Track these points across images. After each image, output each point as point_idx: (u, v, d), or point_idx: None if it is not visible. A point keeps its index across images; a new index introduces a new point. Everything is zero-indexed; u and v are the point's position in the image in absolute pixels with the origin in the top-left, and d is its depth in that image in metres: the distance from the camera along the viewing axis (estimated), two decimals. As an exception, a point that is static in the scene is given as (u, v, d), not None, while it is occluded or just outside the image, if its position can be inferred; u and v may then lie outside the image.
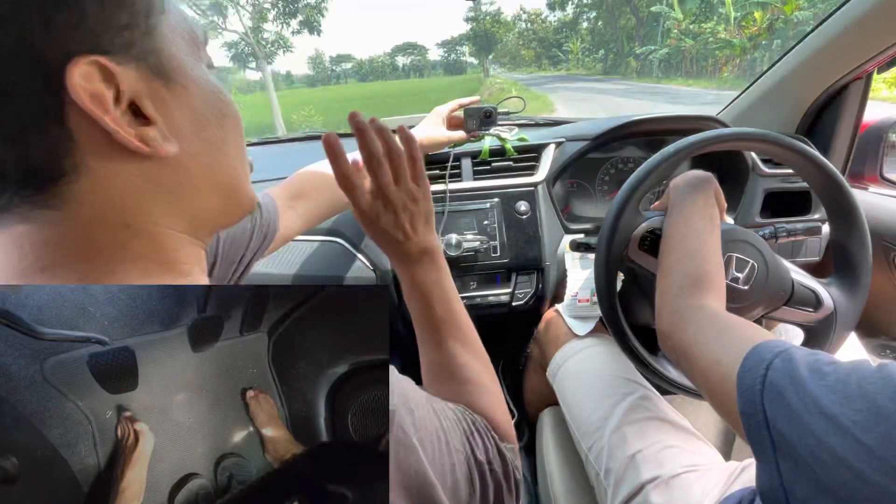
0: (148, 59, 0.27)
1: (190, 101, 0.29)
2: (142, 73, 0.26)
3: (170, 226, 0.30)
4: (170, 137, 0.28)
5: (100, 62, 0.24)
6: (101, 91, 0.24)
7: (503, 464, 0.39)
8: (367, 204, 0.45)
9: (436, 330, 0.46)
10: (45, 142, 0.24)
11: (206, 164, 0.31)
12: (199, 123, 0.30)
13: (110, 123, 0.25)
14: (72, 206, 0.26)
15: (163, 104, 0.28)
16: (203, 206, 0.31)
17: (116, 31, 0.25)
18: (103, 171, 0.26)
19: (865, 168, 0.99)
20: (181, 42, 0.29)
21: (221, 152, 0.32)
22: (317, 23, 19.02)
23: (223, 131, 0.32)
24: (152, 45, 0.27)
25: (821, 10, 15.06)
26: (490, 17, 62.51)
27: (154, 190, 0.28)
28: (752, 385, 0.34)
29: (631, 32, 34.53)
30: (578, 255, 0.88)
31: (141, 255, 0.28)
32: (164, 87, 0.28)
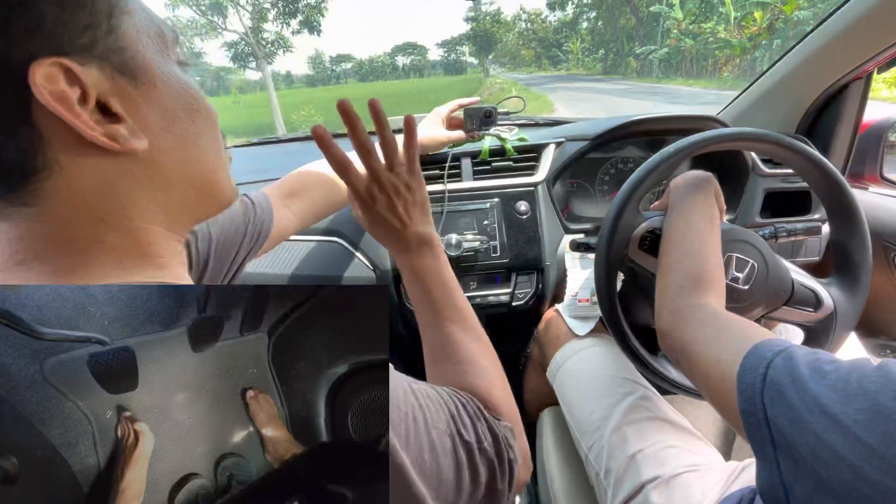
0: (111, 58, 0.27)
1: (158, 97, 0.30)
2: (106, 72, 0.27)
3: (145, 220, 0.30)
4: (139, 134, 0.28)
5: (62, 63, 0.24)
6: (65, 91, 0.25)
7: (495, 443, 0.38)
8: (362, 186, 0.46)
9: (434, 313, 0.47)
10: (15, 141, 0.25)
11: (179, 159, 0.31)
12: (168, 119, 0.30)
13: (76, 122, 0.25)
14: (46, 203, 0.26)
15: (130, 101, 0.28)
16: (178, 199, 0.32)
17: (77, 33, 0.26)
18: (75, 167, 0.26)
19: (865, 168, 0.99)
20: (147, 41, 0.30)
21: (194, 146, 0.32)
22: (317, 23, 19.01)
23: (195, 125, 0.32)
24: (116, 45, 0.27)
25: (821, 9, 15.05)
26: (490, 17, 62.50)
27: (128, 185, 0.29)
28: (752, 383, 0.34)
29: (631, 32, 34.53)
30: (578, 255, 0.88)
31: (116, 249, 0.29)
32: (131, 84, 0.28)
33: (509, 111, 1.10)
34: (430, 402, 0.35)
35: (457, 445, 0.35)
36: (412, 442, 0.32)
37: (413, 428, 0.32)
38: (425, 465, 0.32)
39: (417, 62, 78.42)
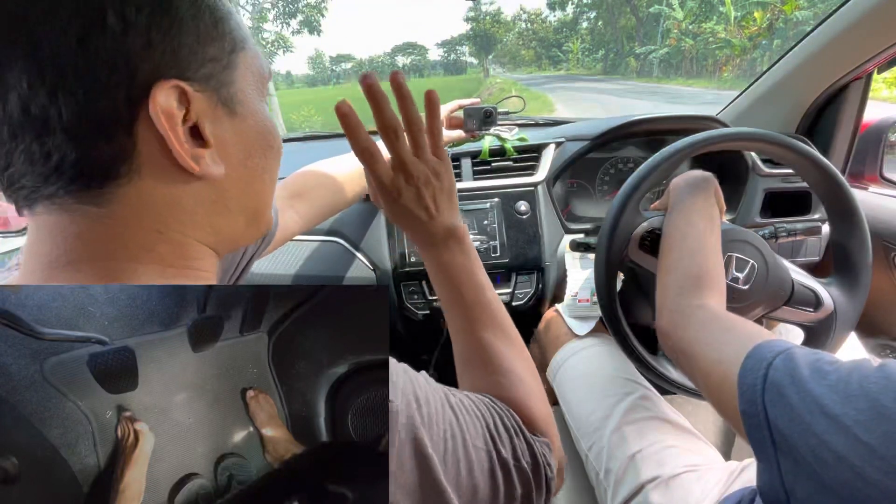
0: (220, 91, 0.29)
1: (245, 131, 0.32)
2: (212, 100, 0.29)
3: (197, 238, 0.31)
4: (219, 161, 0.30)
5: (181, 87, 0.27)
6: (174, 111, 0.26)
7: (533, 460, 0.36)
8: (388, 178, 0.42)
9: (466, 316, 0.43)
10: (110, 147, 0.26)
11: (243, 190, 0.33)
12: (247, 152, 0.32)
13: (174, 142, 0.27)
14: (113, 207, 0.27)
15: (221, 130, 0.30)
16: (229, 225, 0.33)
17: (202, 63, 0.28)
18: (152, 180, 0.28)
19: (865, 168, 0.99)
20: (251, 77, 0.32)
21: (259, 180, 0.34)
22: (317, 23, 19.01)
23: (265, 161, 0.34)
24: (228, 79, 0.30)
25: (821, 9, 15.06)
26: (490, 17, 62.50)
27: (192, 205, 0.30)
28: (752, 384, 0.34)
29: (631, 32, 34.53)
30: (578, 255, 0.88)
31: (163, 259, 0.30)
32: (227, 115, 0.30)
33: (509, 111, 1.10)
34: (468, 416, 0.34)
35: (494, 463, 0.34)
36: (450, 461, 0.31)
37: (451, 446, 0.32)
38: (462, 483, 0.32)
39: (417, 62, 78.44)
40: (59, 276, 0.27)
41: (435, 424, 0.31)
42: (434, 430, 0.31)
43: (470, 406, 0.35)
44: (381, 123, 0.40)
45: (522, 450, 0.36)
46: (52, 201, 0.26)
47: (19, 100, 0.24)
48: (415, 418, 0.30)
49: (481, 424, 0.35)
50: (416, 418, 0.30)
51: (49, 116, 0.24)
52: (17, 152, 0.25)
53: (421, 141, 0.42)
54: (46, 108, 0.24)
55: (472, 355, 0.43)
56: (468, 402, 0.35)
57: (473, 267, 0.45)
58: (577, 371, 0.76)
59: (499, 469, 0.34)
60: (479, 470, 0.33)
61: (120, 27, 0.24)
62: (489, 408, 0.37)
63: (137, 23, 0.25)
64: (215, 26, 0.29)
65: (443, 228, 0.44)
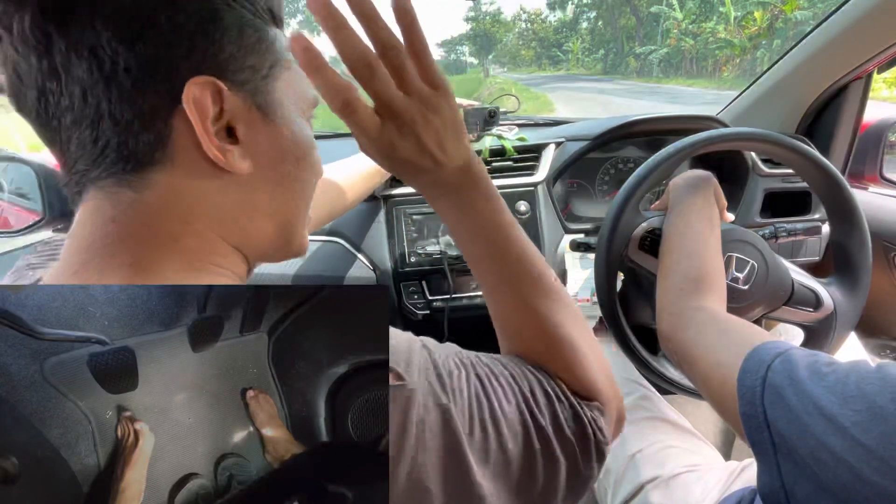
0: (256, 96, 0.30)
1: (278, 137, 0.32)
2: (246, 103, 0.30)
3: (223, 235, 0.32)
4: (246, 158, 0.31)
5: (216, 83, 0.28)
6: (207, 106, 0.28)
7: (579, 426, 0.33)
8: (375, 130, 0.33)
9: (496, 272, 0.37)
10: (150, 133, 0.28)
11: (271, 193, 0.33)
12: (278, 158, 0.33)
13: (203, 133, 0.28)
14: (146, 192, 0.29)
15: (253, 132, 0.31)
16: (257, 229, 0.34)
17: (241, 69, 0.29)
18: (183, 171, 0.29)
19: (865, 168, 0.99)
20: (292, 93, 0.33)
21: (290, 188, 0.34)
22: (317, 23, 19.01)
23: (297, 170, 0.34)
24: (265, 87, 0.31)
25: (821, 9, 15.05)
26: (490, 17, 62.52)
27: (220, 200, 0.31)
28: (752, 386, 0.34)
29: (631, 32, 34.53)
30: (578, 255, 0.88)
31: (189, 251, 0.30)
32: (261, 119, 0.31)
33: (506, 111, 1.10)
34: (497, 384, 0.32)
35: (530, 431, 0.31)
36: (477, 434, 0.29)
37: (479, 418, 0.30)
38: (491, 458, 0.30)
39: (417, 62, 78.40)
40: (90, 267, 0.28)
41: (459, 396, 0.29)
42: (458, 402, 0.29)
43: (501, 372, 0.33)
44: (346, 56, 0.31)
45: (566, 416, 0.33)
46: (96, 186, 0.28)
47: (81, 91, 0.26)
48: (437, 395, 0.29)
49: (514, 391, 0.32)
50: (438, 394, 0.29)
51: (100, 105, 0.26)
52: (73, 138, 0.27)
53: (404, 70, 0.32)
54: (100, 98, 0.26)
55: (506, 318, 0.38)
56: (499, 369, 0.33)
57: (497, 212, 0.37)
58: (577, 371, 0.76)
59: (535, 438, 0.31)
60: (511, 441, 0.30)
61: (170, 28, 0.27)
62: (524, 373, 0.34)
63: (186, 27, 0.27)
64: (259, 42, 0.30)
65: (454, 172, 0.36)
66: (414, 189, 0.39)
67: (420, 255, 0.90)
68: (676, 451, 0.60)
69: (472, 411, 0.30)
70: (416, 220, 0.90)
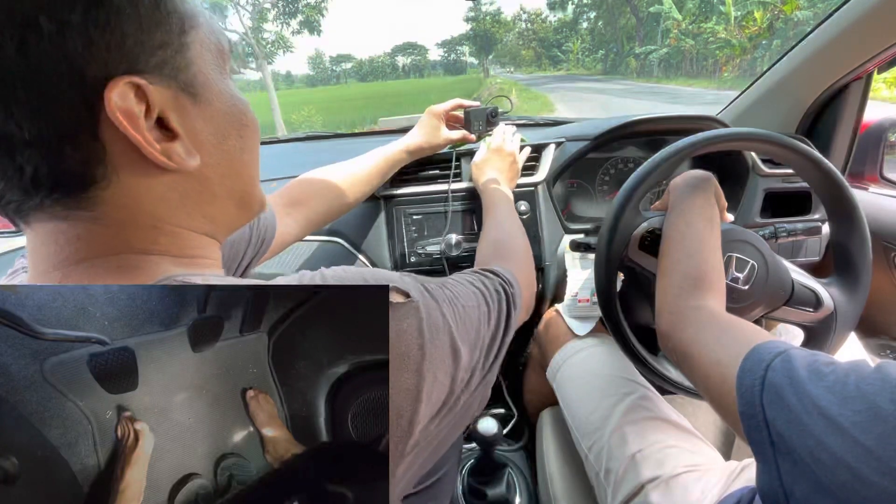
0: (178, 77, 0.28)
1: (214, 115, 0.31)
2: (171, 89, 0.28)
3: (192, 228, 0.32)
4: (193, 151, 0.29)
5: (135, 82, 0.25)
6: (134, 109, 0.26)
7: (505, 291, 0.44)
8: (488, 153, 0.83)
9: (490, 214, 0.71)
10: (79, 153, 0.25)
11: (225, 174, 0.33)
12: (220, 135, 0.31)
13: (139, 139, 0.26)
14: (103, 209, 0.27)
15: (188, 118, 0.29)
16: (220, 210, 0.33)
17: (152, 51, 0.27)
18: (131, 180, 0.28)
19: (865, 168, 0.99)
20: (209, 56, 0.31)
21: (240, 161, 0.34)
22: (317, 23, 19.01)
23: (242, 140, 0.33)
24: (184, 62, 0.28)
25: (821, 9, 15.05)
26: (490, 17, 62.53)
27: (179, 198, 0.30)
28: (751, 386, 0.34)
29: (631, 32, 34.53)
30: (578, 255, 0.88)
31: (170, 250, 0.30)
32: (191, 102, 0.29)
33: (503, 111, 1.10)
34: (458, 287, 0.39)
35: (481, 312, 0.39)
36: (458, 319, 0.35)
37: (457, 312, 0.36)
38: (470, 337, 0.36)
39: (417, 62, 78.44)
40: (76, 271, 0.27)
41: (442, 300, 0.35)
42: (443, 303, 0.35)
43: (457, 278, 0.42)
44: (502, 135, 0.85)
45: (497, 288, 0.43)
46: (42, 211, 0.27)
47: None
48: (431, 303, 0.34)
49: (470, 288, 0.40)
50: (431, 302, 0.34)
51: (10, 132, 0.24)
52: None
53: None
54: (4, 124, 0.24)
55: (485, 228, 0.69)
56: (456, 277, 0.42)
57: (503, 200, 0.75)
58: (577, 371, 0.76)
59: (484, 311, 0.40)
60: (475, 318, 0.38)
61: (55, 28, 0.23)
62: (467, 274, 0.44)
63: (72, 21, 0.24)
64: (157, 8, 0.27)
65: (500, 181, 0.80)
66: (479, 184, 0.81)
67: (420, 256, 0.90)
68: (676, 451, 0.60)
69: (453, 308, 0.36)
70: (417, 220, 0.90)
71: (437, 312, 0.34)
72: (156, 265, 0.29)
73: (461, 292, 0.39)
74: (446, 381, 0.33)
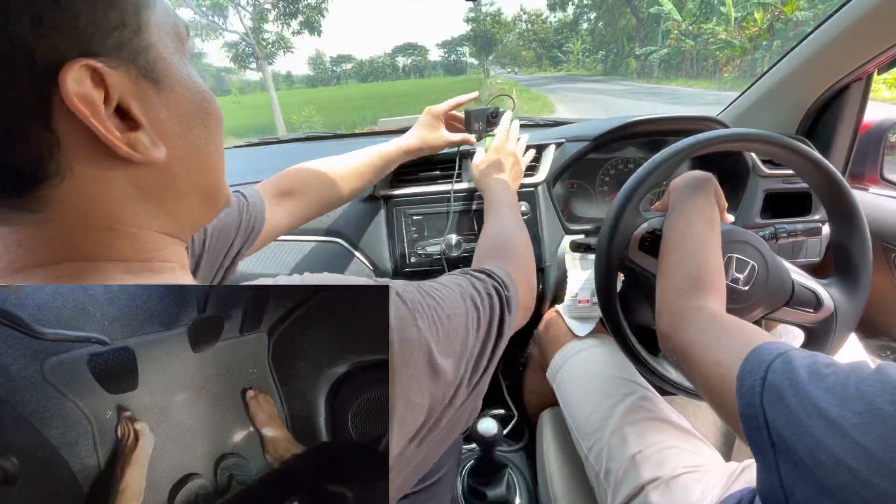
0: (138, 60, 0.26)
1: (178, 102, 0.29)
2: (131, 74, 0.26)
3: (153, 227, 0.29)
4: (158, 142, 0.27)
5: (92, 65, 0.23)
6: (92, 94, 0.23)
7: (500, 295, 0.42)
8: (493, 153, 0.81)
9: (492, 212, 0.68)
10: (30, 146, 0.23)
11: (190, 167, 0.31)
12: (185, 125, 0.29)
13: (100, 128, 0.24)
14: (53, 209, 0.25)
15: (151, 106, 0.27)
16: (185, 206, 0.31)
17: (108, 32, 0.24)
18: (89, 175, 0.25)
19: (866, 169, 0.99)
20: (167, 39, 0.28)
21: (206, 153, 0.32)
22: (317, 23, 19.03)
23: (207, 131, 0.31)
24: (142, 44, 0.26)
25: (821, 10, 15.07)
26: (490, 17, 62.55)
27: (140, 194, 0.28)
28: (751, 387, 0.34)
29: (631, 33, 34.54)
30: (578, 256, 0.88)
31: (125, 255, 0.28)
32: (153, 88, 0.27)
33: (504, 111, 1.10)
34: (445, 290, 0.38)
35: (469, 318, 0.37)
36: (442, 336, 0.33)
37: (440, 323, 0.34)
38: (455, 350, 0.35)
39: (418, 63, 78.47)
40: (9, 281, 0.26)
41: (422, 309, 0.33)
42: (424, 313, 0.33)
43: (444, 281, 0.40)
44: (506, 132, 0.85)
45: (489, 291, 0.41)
46: None
47: None
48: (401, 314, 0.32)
49: (458, 292, 0.38)
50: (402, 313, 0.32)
51: None
52: None
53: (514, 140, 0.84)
54: None
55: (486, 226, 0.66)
56: (444, 280, 0.40)
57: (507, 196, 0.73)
58: (578, 372, 0.76)
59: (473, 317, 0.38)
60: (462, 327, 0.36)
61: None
62: (458, 274, 0.43)
63: (18, 2, 0.21)
64: None
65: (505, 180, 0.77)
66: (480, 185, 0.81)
67: (420, 256, 0.90)
68: (677, 451, 0.60)
69: (434, 319, 0.34)
70: (417, 220, 0.90)
71: (411, 326, 0.31)
72: (103, 274, 0.27)
73: (447, 298, 0.36)
74: (423, 402, 0.31)
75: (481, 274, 0.44)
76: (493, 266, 0.46)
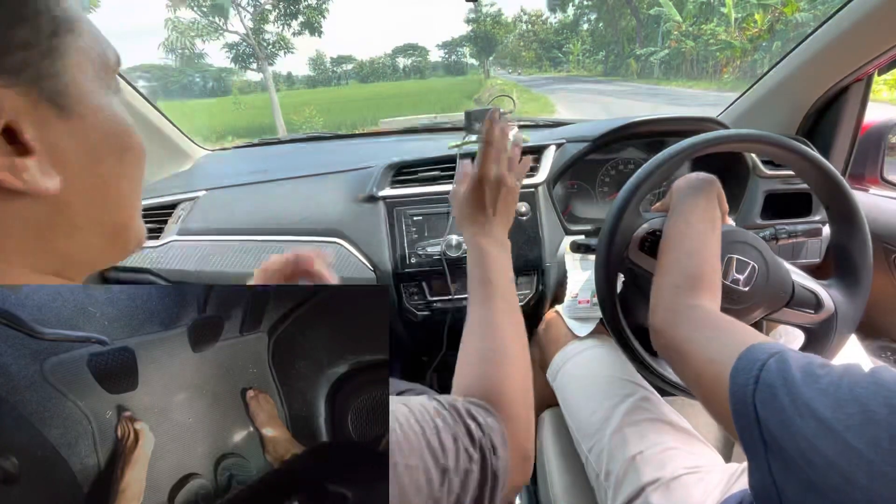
0: (42, 84, 0.24)
1: (88, 132, 0.26)
2: (30, 98, 0.23)
3: (36, 268, 0.26)
4: (51, 172, 0.24)
5: None
6: None
7: (482, 458, 0.33)
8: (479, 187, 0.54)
9: (483, 295, 0.48)
10: None
11: (94, 203, 0.27)
12: (93, 157, 0.27)
13: None
14: None
15: (49, 132, 0.24)
16: (81, 246, 0.28)
17: (9, 50, 0.22)
18: None
19: (866, 170, 0.99)
20: (88, 66, 0.26)
21: (116, 189, 0.29)
22: (317, 24, 19.05)
23: (122, 166, 0.29)
24: (52, 69, 0.24)
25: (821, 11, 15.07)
26: (490, 18, 62.55)
27: (20, 228, 0.24)
28: (744, 384, 0.34)
29: (631, 34, 34.55)
30: (579, 257, 0.88)
31: None
32: (58, 115, 0.25)
33: (503, 111, 1.10)
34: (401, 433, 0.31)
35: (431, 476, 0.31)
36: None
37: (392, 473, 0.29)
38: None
39: (418, 63, 78.47)
40: None
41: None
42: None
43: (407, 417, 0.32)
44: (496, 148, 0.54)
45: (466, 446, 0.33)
46: None
47: None
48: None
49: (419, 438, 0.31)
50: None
51: None
52: None
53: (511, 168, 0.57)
54: None
55: (477, 325, 0.45)
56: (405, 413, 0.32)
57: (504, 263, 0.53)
58: (578, 372, 0.76)
59: (437, 479, 0.31)
60: (413, 489, 0.29)
61: None
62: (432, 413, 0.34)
63: None
64: (24, 4, 0.23)
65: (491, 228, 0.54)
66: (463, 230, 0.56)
67: (421, 256, 0.90)
68: (677, 452, 0.60)
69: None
70: (417, 220, 0.90)
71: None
72: None
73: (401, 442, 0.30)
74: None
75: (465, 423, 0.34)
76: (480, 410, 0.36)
